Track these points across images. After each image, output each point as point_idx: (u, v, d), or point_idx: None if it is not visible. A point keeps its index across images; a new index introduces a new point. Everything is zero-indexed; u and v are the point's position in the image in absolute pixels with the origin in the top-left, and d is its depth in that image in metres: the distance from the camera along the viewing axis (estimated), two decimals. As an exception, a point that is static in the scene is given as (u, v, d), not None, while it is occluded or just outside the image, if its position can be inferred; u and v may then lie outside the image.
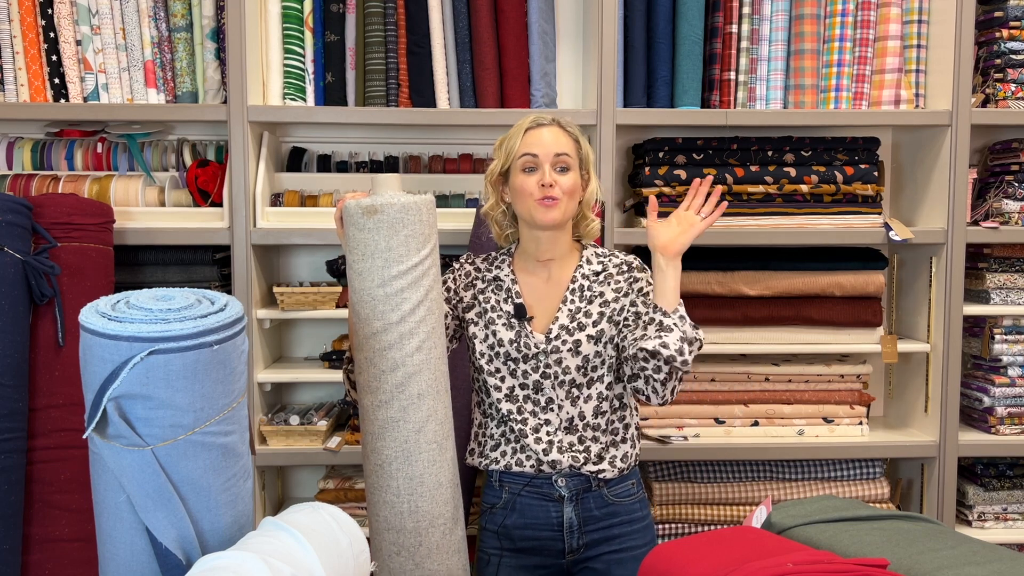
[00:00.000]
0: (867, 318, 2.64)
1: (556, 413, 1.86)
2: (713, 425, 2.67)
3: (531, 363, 1.85)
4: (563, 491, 1.85)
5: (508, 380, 1.87)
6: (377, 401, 1.69)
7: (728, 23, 2.62)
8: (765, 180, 2.58)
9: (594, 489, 1.86)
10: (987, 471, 2.76)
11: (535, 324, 1.88)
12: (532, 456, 1.85)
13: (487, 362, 1.89)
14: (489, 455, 1.90)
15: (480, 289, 1.94)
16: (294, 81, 2.56)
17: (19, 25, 2.48)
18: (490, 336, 1.89)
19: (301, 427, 2.52)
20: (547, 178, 1.82)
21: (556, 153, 1.83)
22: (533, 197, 1.83)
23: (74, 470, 2.14)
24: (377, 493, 1.71)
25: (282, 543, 1.27)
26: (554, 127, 1.87)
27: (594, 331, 1.85)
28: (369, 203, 1.65)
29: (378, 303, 1.66)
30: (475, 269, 1.97)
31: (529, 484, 1.86)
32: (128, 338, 1.26)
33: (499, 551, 1.90)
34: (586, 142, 1.91)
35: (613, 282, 1.90)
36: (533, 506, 1.86)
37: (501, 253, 1.99)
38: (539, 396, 1.86)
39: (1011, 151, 2.72)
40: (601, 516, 1.86)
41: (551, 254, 1.90)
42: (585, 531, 1.86)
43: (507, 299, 1.90)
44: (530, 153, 1.84)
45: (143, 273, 2.53)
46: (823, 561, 1.20)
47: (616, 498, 1.88)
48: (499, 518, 1.89)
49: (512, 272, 1.93)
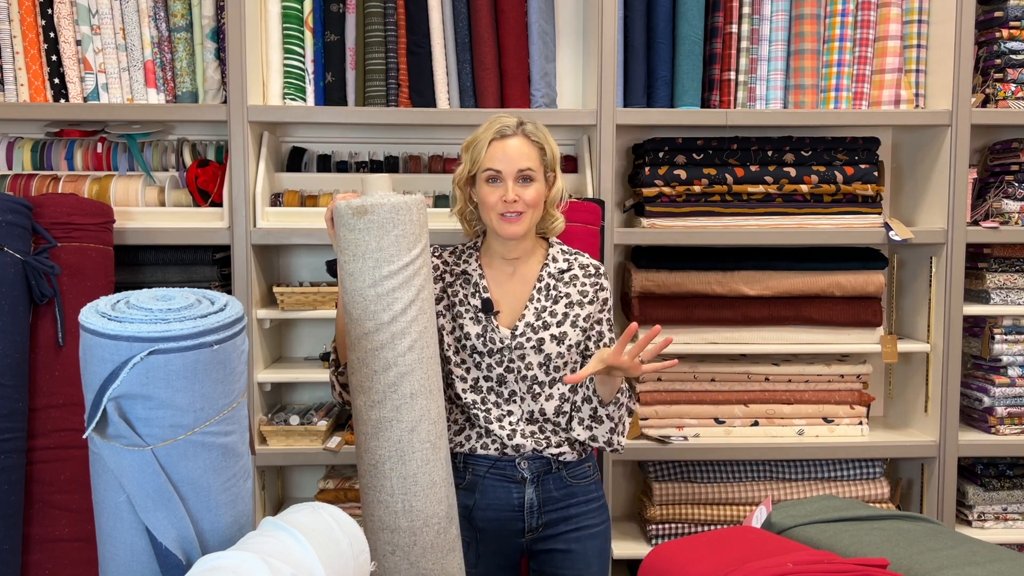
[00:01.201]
0: (867, 318, 2.64)
1: (519, 405, 1.91)
2: (713, 425, 2.67)
3: (495, 357, 1.89)
4: (525, 473, 1.90)
5: (473, 372, 1.91)
6: (370, 401, 1.69)
7: (728, 23, 2.62)
8: (765, 180, 2.58)
9: (554, 471, 1.91)
10: (987, 471, 2.76)
11: (501, 319, 1.91)
12: (497, 440, 1.90)
13: (453, 353, 1.92)
14: (454, 439, 1.94)
15: (448, 283, 1.97)
16: (294, 81, 2.56)
17: (19, 25, 2.48)
18: (457, 329, 1.92)
19: (301, 427, 2.52)
20: (510, 194, 1.84)
21: (520, 168, 1.85)
22: (496, 210, 1.86)
23: (74, 470, 2.14)
24: (371, 493, 1.72)
25: (282, 543, 1.27)
26: (518, 137, 1.87)
27: (558, 331, 1.89)
28: (359, 203, 1.65)
29: (369, 303, 1.67)
30: (443, 263, 2.00)
31: (493, 467, 1.91)
32: (128, 338, 1.26)
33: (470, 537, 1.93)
34: (552, 144, 1.91)
35: (579, 284, 1.94)
36: (495, 487, 1.90)
37: (467, 247, 2.01)
38: (503, 388, 1.91)
39: (1011, 151, 2.72)
40: (560, 497, 1.92)
41: (516, 254, 1.94)
42: (544, 511, 1.91)
43: (475, 293, 1.93)
44: (493, 168, 1.85)
45: (143, 273, 2.53)
46: (823, 561, 1.20)
47: (574, 479, 1.93)
48: (460, 499, 1.90)
49: (480, 266, 1.96)
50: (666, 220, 2.57)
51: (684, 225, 2.58)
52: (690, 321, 2.63)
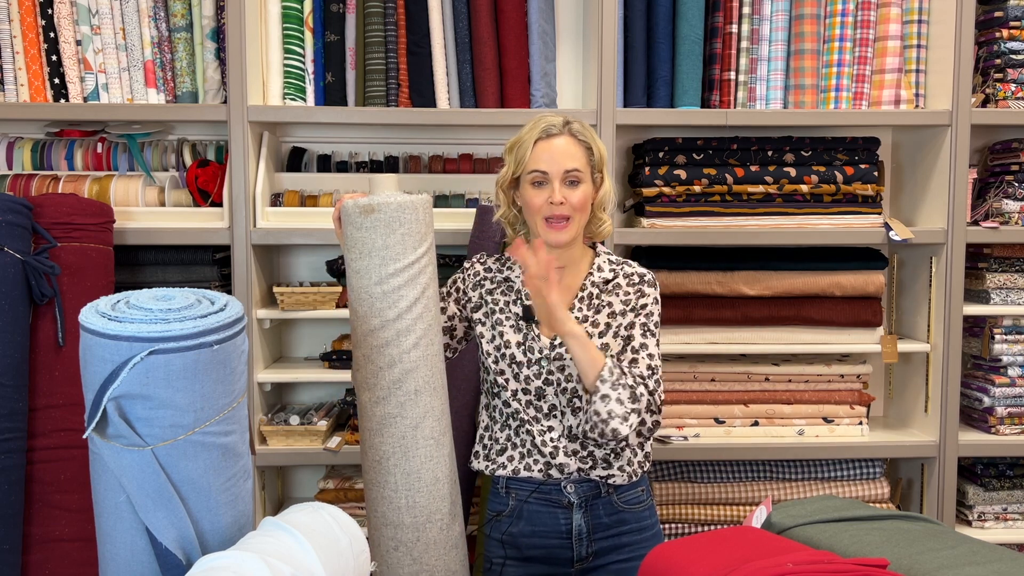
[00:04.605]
0: (867, 318, 2.64)
1: (559, 420, 1.82)
2: (713, 425, 2.67)
3: (534, 368, 1.82)
4: (572, 497, 1.82)
5: (512, 383, 1.84)
6: (374, 397, 1.70)
7: (728, 23, 2.62)
8: (765, 180, 2.58)
9: (603, 495, 1.83)
10: (987, 471, 2.76)
11: (543, 328, 1.84)
12: (539, 460, 1.82)
13: (493, 362, 1.86)
14: (496, 459, 1.86)
15: (488, 289, 1.91)
16: (294, 81, 2.56)
17: (19, 25, 2.48)
18: (496, 337, 1.86)
19: (301, 427, 2.52)
20: (557, 196, 1.77)
21: (567, 169, 1.78)
22: (541, 214, 1.79)
23: (74, 470, 2.14)
24: (375, 489, 1.72)
25: (282, 543, 1.27)
26: (565, 136, 1.81)
27: (599, 342, 1.81)
28: (366, 202, 1.67)
29: (375, 300, 1.68)
30: (485, 269, 1.94)
31: (537, 490, 1.83)
32: (128, 338, 1.26)
33: (503, 559, 1.86)
34: (600, 144, 1.85)
35: (622, 292, 1.85)
36: (541, 513, 1.83)
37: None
38: (542, 403, 1.83)
39: (1011, 151, 2.72)
40: (611, 523, 1.83)
41: (561, 261, 1.85)
42: (594, 539, 1.82)
43: (516, 301, 1.88)
44: (539, 170, 1.79)
45: (143, 273, 2.53)
46: (823, 561, 1.20)
47: (626, 505, 1.84)
48: (505, 526, 1.85)
49: (523, 273, 1.89)
50: (666, 220, 2.57)
51: (684, 225, 2.58)
52: (690, 321, 2.63)
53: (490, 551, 1.90)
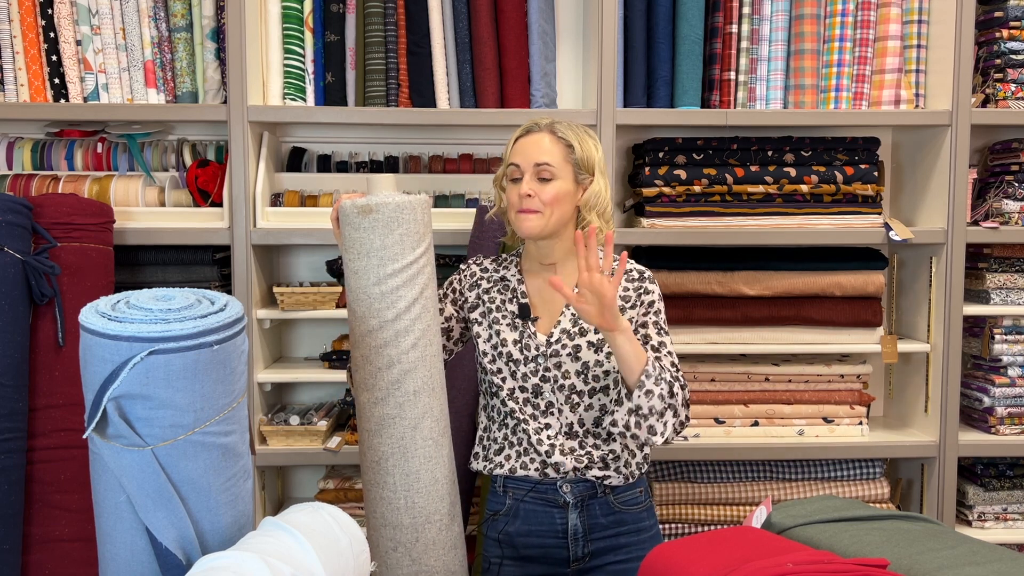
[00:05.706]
0: (867, 318, 2.64)
1: (556, 417, 1.83)
2: (713, 425, 2.67)
3: (531, 366, 1.82)
4: (568, 497, 1.82)
5: (509, 382, 1.85)
6: (373, 398, 1.70)
7: (728, 23, 2.62)
8: (765, 180, 2.58)
9: (600, 496, 1.83)
10: (987, 471, 2.76)
11: (539, 325, 1.85)
12: (536, 459, 1.82)
13: (490, 362, 1.87)
14: (493, 459, 1.87)
15: (485, 289, 1.92)
16: (294, 81, 2.56)
17: (19, 25, 2.48)
18: (493, 336, 1.87)
19: (301, 427, 2.52)
20: (524, 188, 1.78)
21: (536, 163, 1.79)
22: (514, 208, 1.81)
23: (74, 470, 2.14)
24: (374, 489, 1.72)
25: (282, 543, 1.27)
26: (543, 133, 1.82)
27: (596, 338, 1.81)
28: (364, 203, 1.67)
29: (374, 301, 1.68)
30: (481, 270, 1.95)
31: (533, 489, 1.83)
32: (128, 338, 1.26)
33: (500, 558, 1.87)
34: (588, 144, 1.83)
35: (620, 289, 1.83)
36: (537, 512, 1.83)
37: (512, 255, 1.97)
38: (538, 400, 1.83)
39: (1011, 151, 2.72)
40: (607, 524, 1.83)
41: (551, 258, 1.86)
42: (591, 539, 1.82)
43: (512, 299, 1.88)
44: (514, 163, 1.82)
45: (143, 273, 2.53)
46: (823, 561, 1.20)
47: (623, 506, 1.84)
48: (501, 524, 1.86)
49: (519, 273, 1.91)
50: (666, 220, 2.57)
51: (684, 225, 2.58)
52: (690, 321, 2.63)
53: (488, 550, 1.90)
